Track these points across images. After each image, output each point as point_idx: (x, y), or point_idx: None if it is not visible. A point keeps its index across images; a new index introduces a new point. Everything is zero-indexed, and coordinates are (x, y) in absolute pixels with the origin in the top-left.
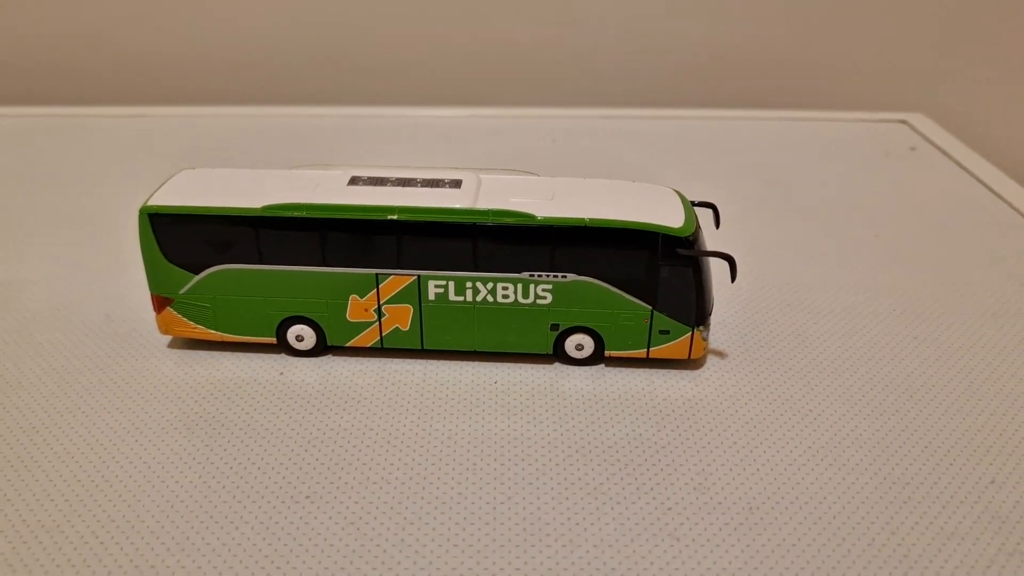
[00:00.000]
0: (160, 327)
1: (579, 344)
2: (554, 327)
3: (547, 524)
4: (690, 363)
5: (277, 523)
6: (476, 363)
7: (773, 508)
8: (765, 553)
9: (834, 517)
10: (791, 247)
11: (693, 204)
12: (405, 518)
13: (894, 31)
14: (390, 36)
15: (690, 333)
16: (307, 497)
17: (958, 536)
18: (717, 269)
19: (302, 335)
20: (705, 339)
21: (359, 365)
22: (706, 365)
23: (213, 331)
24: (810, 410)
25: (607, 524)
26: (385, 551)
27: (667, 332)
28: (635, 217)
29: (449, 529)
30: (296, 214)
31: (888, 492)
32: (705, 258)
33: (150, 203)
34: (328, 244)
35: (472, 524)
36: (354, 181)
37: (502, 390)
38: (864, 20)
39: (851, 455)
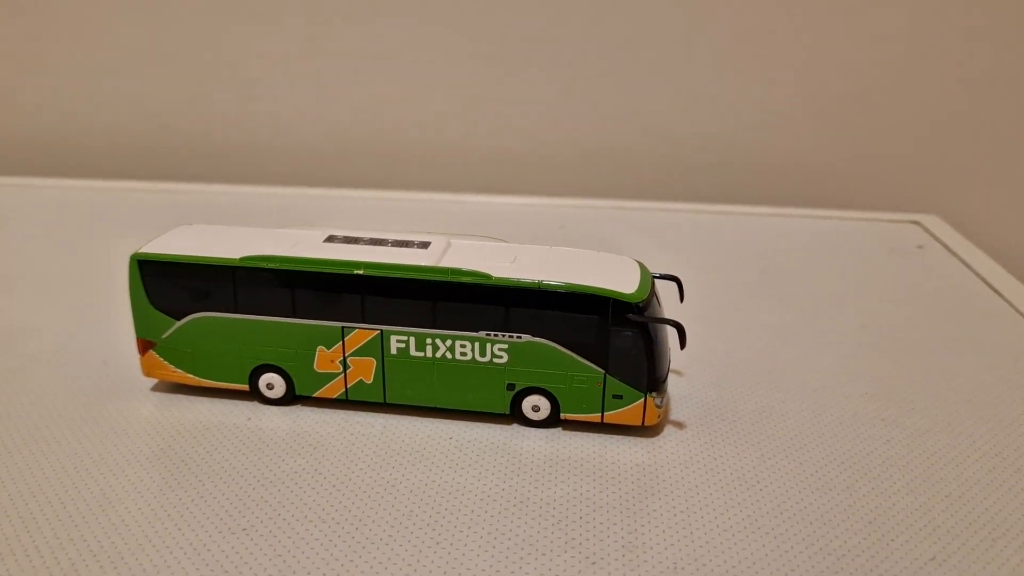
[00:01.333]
0: (143, 370)
1: (535, 405)
2: (510, 387)
3: (468, 570)
4: (646, 430)
5: (209, 550)
6: (436, 419)
7: (698, 571)
8: None
9: None
10: (772, 331)
11: (657, 277)
12: (331, 554)
13: (912, 134)
14: (414, 125)
15: (643, 399)
16: (243, 529)
17: None
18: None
19: (272, 383)
20: (659, 406)
21: (324, 415)
22: (663, 433)
23: (191, 375)
24: (757, 481)
25: (527, 574)
26: None
27: (620, 397)
28: (589, 282)
29: (371, 567)
30: (270, 265)
31: (820, 562)
32: (658, 326)
33: (141, 251)
34: (298, 296)
35: (394, 564)
36: (330, 239)
37: (455, 445)
38: (882, 123)
39: (790, 526)
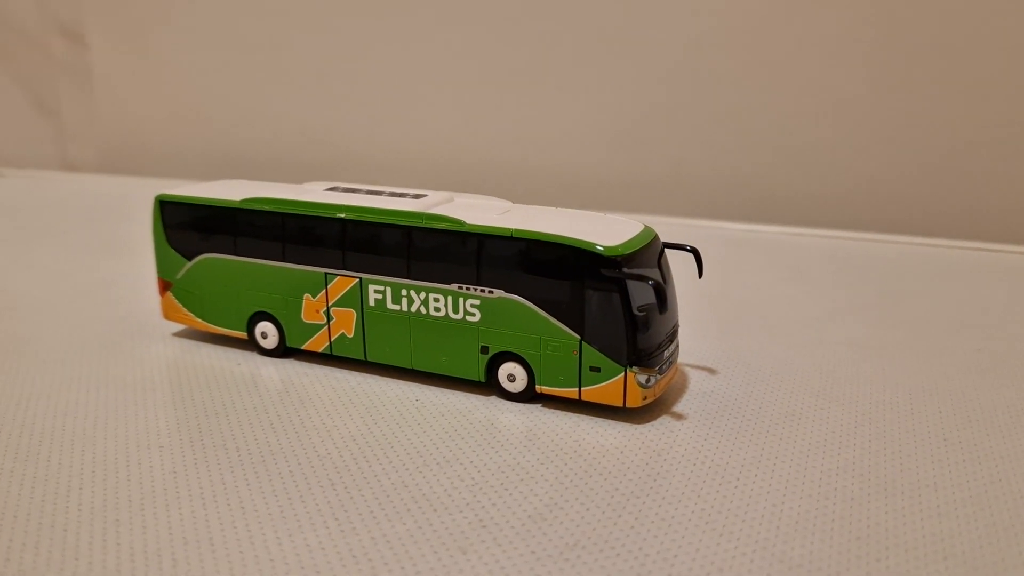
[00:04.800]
0: (163, 312)
1: (511, 375)
2: (484, 350)
3: (358, 504)
4: (630, 414)
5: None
6: (411, 383)
7: (602, 546)
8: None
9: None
10: (855, 347)
11: (671, 246)
12: (247, 479)
13: None
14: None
15: (622, 374)
16: (160, 447)
17: None
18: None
19: (267, 332)
20: (644, 386)
21: (309, 368)
22: (655, 421)
23: (200, 320)
24: (738, 480)
25: (413, 520)
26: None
27: (598, 370)
28: (568, 234)
29: (271, 489)
30: (263, 207)
31: (763, 570)
32: (644, 290)
33: (163, 192)
34: (288, 241)
35: (297, 493)
36: (333, 189)
37: (412, 406)
38: None
39: (749, 529)
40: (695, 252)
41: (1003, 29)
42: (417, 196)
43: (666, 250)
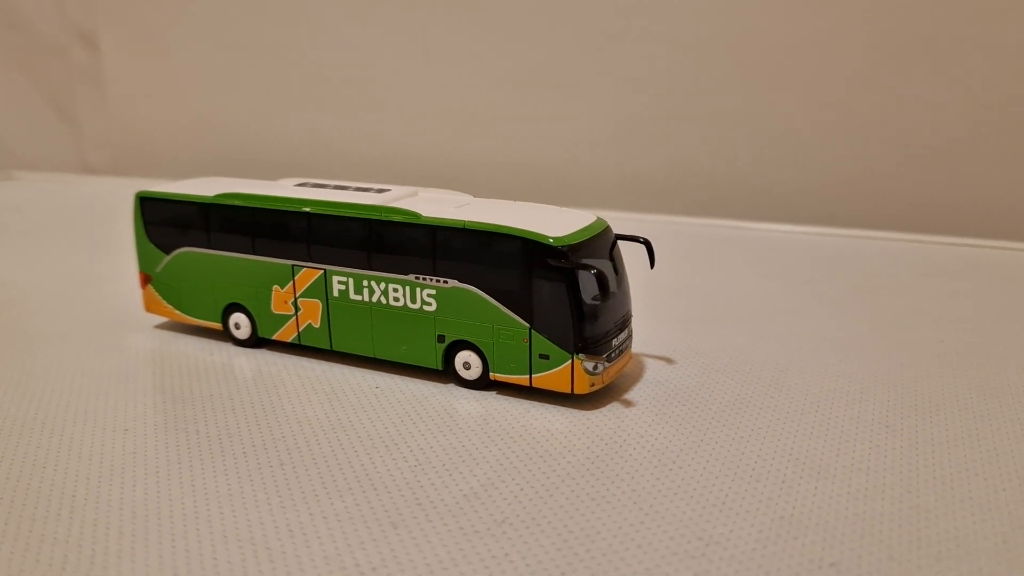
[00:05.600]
0: (144, 304)
1: (466, 362)
2: (441, 338)
3: (302, 482)
4: (580, 401)
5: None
6: (375, 372)
7: (524, 522)
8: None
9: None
10: (818, 339)
11: (623, 237)
12: (203, 456)
13: None
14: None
15: (570, 361)
16: (125, 430)
17: None
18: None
19: (239, 323)
20: (591, 372)
21: (279, 358)
22: (606, 408)
23: (178, 312)
24: (674, 462)
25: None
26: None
27: (547, 357)
28: (517, 225)
29: (223, 469)
30: (235, 202)
31: (680, 546)
32: (593, 280)
33: (143, 190)
34: (257, 235)
35: (247, 472)
36: (302, 184)
37: (372, 393)
38: None
39: (674, 508)
40: (647, 243)
41: (982, 29)
42: (381, 191)
43: (634, 242)
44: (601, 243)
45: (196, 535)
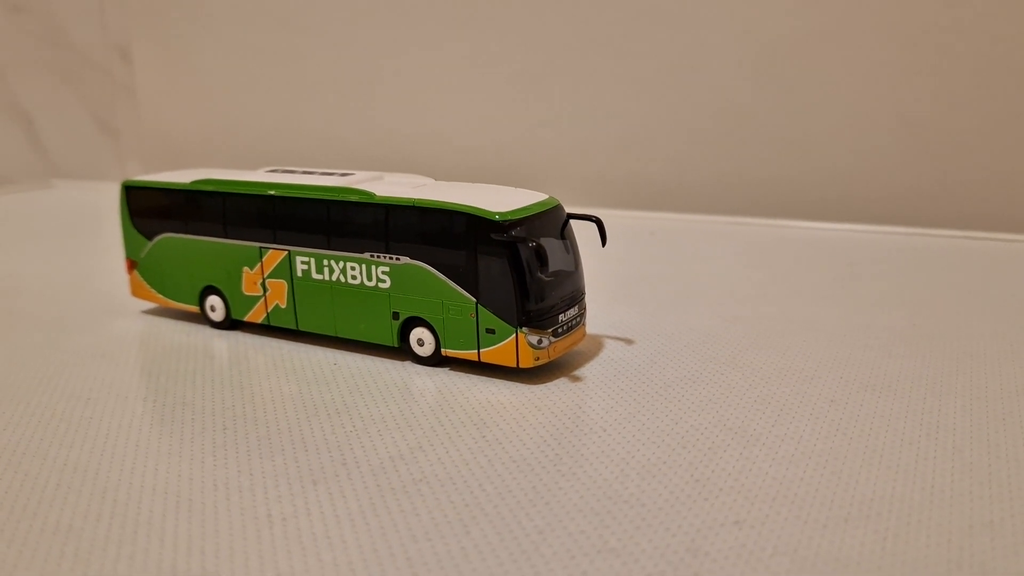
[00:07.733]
0: (130, 289)
1: (420, 339)
2: (395, 315)
3: (239, 444)
4: (527, 375)
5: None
6: (338, 350)
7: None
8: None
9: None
10: (790, 324)
11: (576, 216)
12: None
13: None
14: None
15: (514, 335)
16: (87, 399)
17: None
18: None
19: (215, 306)
20: (536, 346)
21: (251, 338)
22: (553, 383)
23: (161, 296)
24: (603, 430)
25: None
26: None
27: (493, 332)
28: (465, 203)
29: (168, 432)
30: (208, 188)
31: (588, 503)
32: (534, 255)
33: (128, 179)
34: (228, 218)
35: (190, 435)
36: (272, 171)
37: (330, 369)
38: None
39: (592, 471)
40: (598, 222)
41: (953, 23)
42: (344, 175)
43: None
44: (550, 221)
45: (127, 488)
